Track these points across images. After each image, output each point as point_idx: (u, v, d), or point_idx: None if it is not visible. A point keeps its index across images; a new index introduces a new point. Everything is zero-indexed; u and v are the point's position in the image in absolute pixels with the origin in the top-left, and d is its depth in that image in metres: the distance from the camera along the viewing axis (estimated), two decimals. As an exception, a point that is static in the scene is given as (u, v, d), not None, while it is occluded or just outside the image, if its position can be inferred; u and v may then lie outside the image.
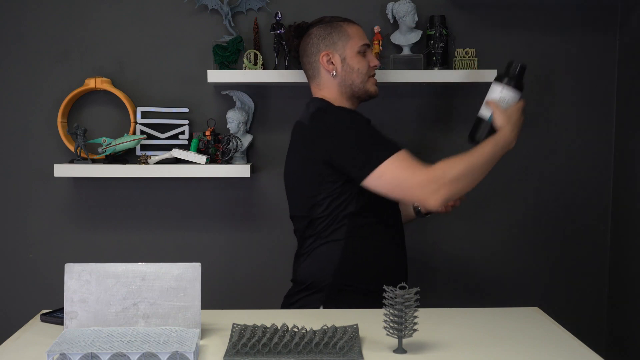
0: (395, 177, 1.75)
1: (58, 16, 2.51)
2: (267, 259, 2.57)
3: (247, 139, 2.45)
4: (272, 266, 2.56)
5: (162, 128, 2.49)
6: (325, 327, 1.42)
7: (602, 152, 2.59)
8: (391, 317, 1.37)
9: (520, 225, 2.61)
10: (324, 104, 1.91)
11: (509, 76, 1.94)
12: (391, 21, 2.48)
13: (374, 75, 2.00)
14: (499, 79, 1.96)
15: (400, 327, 1.37)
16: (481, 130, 1.96)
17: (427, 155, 2.57)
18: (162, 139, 2.48)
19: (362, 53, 1.97)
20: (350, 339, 1.41)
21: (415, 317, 1.38)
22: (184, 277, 1.46)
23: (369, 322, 1.54)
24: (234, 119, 2.42)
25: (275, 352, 1.34)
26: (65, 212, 2.56)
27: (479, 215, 2.60)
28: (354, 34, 1.98)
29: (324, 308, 1.81)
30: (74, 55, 2.52)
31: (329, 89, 1.97)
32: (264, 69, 2.44)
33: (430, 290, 2.36)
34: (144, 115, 2.49)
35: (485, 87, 2.54)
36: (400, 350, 1.38)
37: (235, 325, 1.49)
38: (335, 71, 1.95)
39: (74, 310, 1.44)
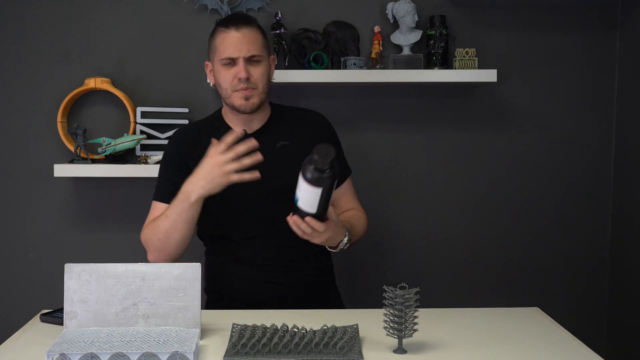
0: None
1: (58, 16, 2.51)
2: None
3: (247, 139, 2.45)
4: (272, 266, 2.55)
5: (162, 128, 2.49)
6: (325, 327, 1.42)
7: (602, 152, 2.59)
8: (391, 317, 1.37)
9: (520, 225, 2.61)
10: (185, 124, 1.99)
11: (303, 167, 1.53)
12: (391, 21, 2.48)
13: (243, 88, 1.80)
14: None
15: (400, 327, 1.37)
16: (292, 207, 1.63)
17: (427, 155, 2.58)
18: (162, 139, 2.48)
19: (229, 65, 1.80)
20: (350, 339, 1.41)
21: (415, 317, 1.38)
22: (184, 277, 1.46)
23: (369, 322, 1.53)
24: (234, 119, 2.42)
25: (275, 352, 1.34)
26: (65, 212, 2.56)
27: (478, 215, 2.60)
28: (219, 45, 1.81)
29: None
30: (74, 55, 2.52)
31: None
32: (264, 69, 2.44)
33: (430, 290, 2.36)
34: (144, 115, 2.49)
35: (485, 87, 2.55)
36: (400, 350, 1.38)
37: (235, 325, 1.48)
38: (213, 83, 1.90)
39: (73, 310, 1.44)
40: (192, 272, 1.46)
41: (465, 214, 2.60)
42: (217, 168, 1.66)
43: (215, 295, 1.93)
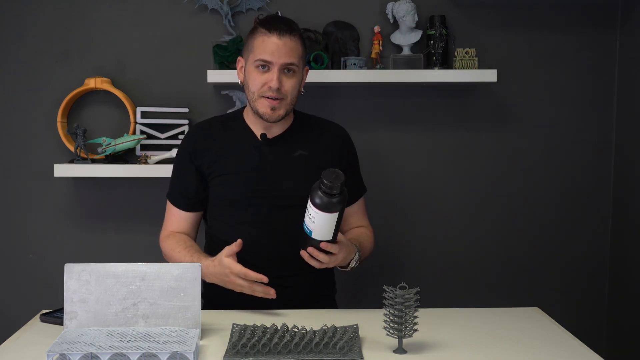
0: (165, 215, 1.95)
1: (58, 16, 2.51)
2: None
3: (247, 139, 2.44)
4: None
5: (162, 128, 2.49)
6: (325, 327, 1.42)
7: (602, 152, 2.59)
8: (391, 317, 1.37)
9: (520, 225, 2.60)
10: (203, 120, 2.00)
11: (312, 192, 1.53)
12: (391, 21, 2.48)
13: (272, 97, 1.76)
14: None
15: (400, 327, 1.37)
16: (302, 241, 1.61)
17: (427, 155, 2.58)
18: (162, 138, 2.48)
19: (262, 68, 1.76)
20: (350, 339, 1.41)
21: (415, 317, 1.38)
22: (184, 277, 1.46)
23: (369, 322, 1.53)
24: (234, 119, 2.42)
25: (275, 352, 1.34)
26: (65, 212, 2.56)
27: (478, 215, 2.60)
28: (257, 46, 1.76)
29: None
30: (74, 55, 2.52)
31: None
32: (264, 69, 2.44)
33: (430, 290, 2.36)
34: (144, 115, 2.49)
35: (485, 87, 2.55)
36: (400, 350, 1.38)
37: (235, 325, 1.49)
38: (241, 80, 1.85)
39: (73, 310, 1.44)
40: (192, 272, 1.46)
41: (465, 214, 2.59)
42: (230, 283, 1.66)
43: (210, 294, 1.90)
